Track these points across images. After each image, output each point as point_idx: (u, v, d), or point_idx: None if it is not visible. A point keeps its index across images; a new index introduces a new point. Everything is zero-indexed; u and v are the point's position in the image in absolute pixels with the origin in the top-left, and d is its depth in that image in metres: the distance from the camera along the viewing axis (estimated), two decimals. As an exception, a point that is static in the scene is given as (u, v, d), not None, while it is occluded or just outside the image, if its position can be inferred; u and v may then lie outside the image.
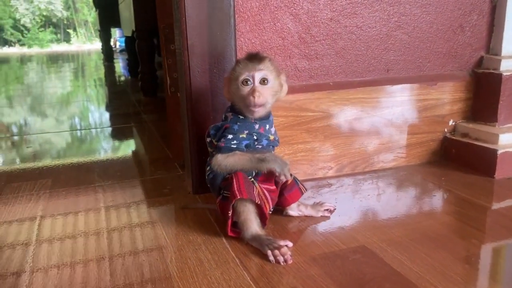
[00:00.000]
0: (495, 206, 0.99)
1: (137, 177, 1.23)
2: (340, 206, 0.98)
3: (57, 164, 1.39)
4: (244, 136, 0.83)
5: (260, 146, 0.86)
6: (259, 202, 0.81)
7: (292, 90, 1.09)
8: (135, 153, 1.56)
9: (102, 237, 0.87)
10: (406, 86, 1.19)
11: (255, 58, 0.81)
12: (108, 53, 5.93)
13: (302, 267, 0.74)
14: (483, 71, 1.23)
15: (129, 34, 3.10)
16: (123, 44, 8.96)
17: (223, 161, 0.82)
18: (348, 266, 0.74)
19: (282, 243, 0.78)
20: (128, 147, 1.68)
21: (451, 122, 1.26)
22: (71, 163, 1.41)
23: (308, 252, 0.79)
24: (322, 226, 0.89)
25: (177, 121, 1.21)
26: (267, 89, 0.81)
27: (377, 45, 1.15)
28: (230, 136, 0.83)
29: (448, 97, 1.23)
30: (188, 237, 0.86)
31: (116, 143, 1.76)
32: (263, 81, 0.81)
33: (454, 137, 1.24)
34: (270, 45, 1.07)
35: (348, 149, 1.17)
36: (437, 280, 0.69)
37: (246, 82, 0.80)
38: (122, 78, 4.30)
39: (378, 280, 0.70)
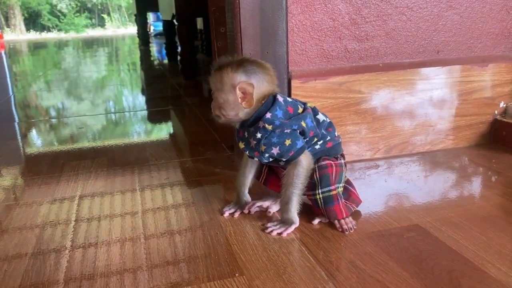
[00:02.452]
0: (549, 188, 0.98)
1: (188, 157, 1.27)
2: (389, 186, 0.99)
3: (110, 144, 1.46)
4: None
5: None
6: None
7: (342, 72, 1.10)
8: (183, 135, 1.61)
9: (164, 212, 0.92)
10: (456, 67, 1.18)
11: (214, 67, 0.80)
12: (144, 37, 6.02)
13: (358, 243, 0.77)
14: (538, 52, 1.20)
15: (169, 18, 3.14)
16: (158, 29, 9.07)
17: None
18: (404, 244, 0.76)
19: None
20: (176, 129, 1.73)
21: (501, 104, 1.24)
22: (123, 143, 1.47)
23: (363, 230, 0.82)
24: (374, 206, 0.91)
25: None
26: (215, 99, 0.81)
27: (427, 26, 1.14)
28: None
29: (499, 78, 1.21)
30: (243, 213, 0.90)
31: (164, 125, 1.82)
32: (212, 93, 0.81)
33: (504, 119, 1.22)
34: (321, 27, 1.08)
35: (396, 131, 1.18)
36: (494, 258, 0.70)
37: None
38: (157, 62, 4.38)
39: (434, 257, 0.71)
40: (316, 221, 0.84)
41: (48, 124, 1.83)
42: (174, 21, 2.72)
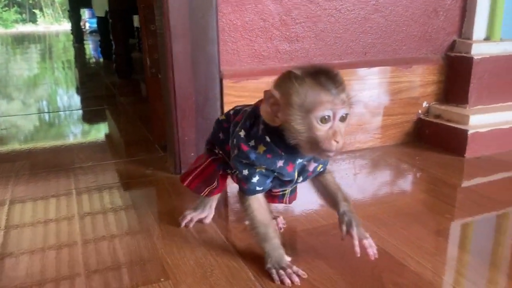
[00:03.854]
0: (466, 183, 1.04)
1: (119, 158, 1.23)
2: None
3: (34, 146, 1.37)
4: (263, 170, 0.65)
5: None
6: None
7: (274, 72, 1.10)
8: (114, 135, 1.55)
9: (85, 220, 0.88)
10: (382, 68, 1.22)
11: (334, 81, 0.57)
12: (78, 34, 5.77)
13: (287, 242, 0.77)
14: (456, 55, 1.28)
15: (102, 15, 3.03)
16: (93, 26, 8.73)
17: (246, 205, 0.68)
18: (331, 241, 0.77)
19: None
20: (106, 130, 1.66)
21: (424, 104, 1.31)
22: (49, 145, 1.39)
23: (293, 228, 0.82)
24: (304, 205, 0.92)
25: (158, 102, 1.21)
26: (345, 127, 0.60)
27: (355, 28, 1.18)
28: (245, 172, 0.66)
29: (422, 79, 1.28)
30: (173, 216, 0.87)
31: (94, 125, 1.74)
32: (343, 118, 0.59)
33: (427, 119, 1.28)
34: (252, 27, 1.08)
35: (327, 130, 1.20)
36: (413, 251, 0.73)
37: (325, 119, 0.57)
38: (93, 60, 4.21)
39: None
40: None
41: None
42: (108, 18, 2.63)
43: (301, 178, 0.69)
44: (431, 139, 1.27)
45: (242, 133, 0.65)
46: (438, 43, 1.29)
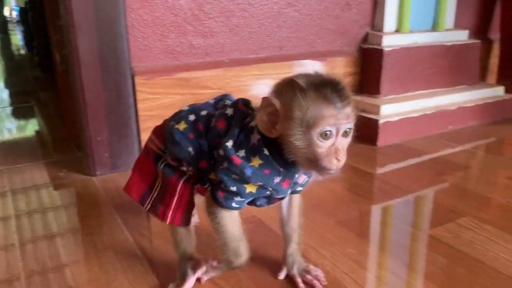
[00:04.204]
0: (375, 172, 1.10)
1: (33, 160, 1.17)
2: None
3: None
4: (253, 190, 0.58)
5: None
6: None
7: (188, 68, 1.10)
8: (30, 134, 1.47)
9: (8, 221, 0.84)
10: (298, 62, 1.25)
11: (339, 94, 0.52)
12: (2, 23, 5.42)
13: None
14: (368, 47, 1.33)
15: (22, 5, 2.86)
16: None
17: (216, 215, 0.60)
18: (238, 237, 0.79)
19: (205, 277, 0.67)
20: (25, 128, 1.58)
21: (341, 95, 1.35)
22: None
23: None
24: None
25: (70, 100, 1.17)
26: (347, 143, 0.55)
27: (269, 22, 1.19)
28: (234, 188, 0.57)
29: (338, 71, 1.32)
30: (85, 221, 0.85)
31: (13, 123, 1.65)
32: (346, 132, 0.54)
33: (344, 109, 1.33)
34: (163, 22, 1.06)
35: (246, 124, 1.21)
36: (316, 242, 0.76)
37: (326, 135, 0.52)
38: (17, 52, 3.97)
39: (265, 247, 0.75)
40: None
41: None
42: (28, 8, 2.48)
43: (289, 191, 0.63)
44: (348, 129, 1.31)
45: (230, 144, 0.56)
46: (352, 36, 1.33)
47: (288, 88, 0.53)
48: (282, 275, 0.67)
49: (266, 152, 0.55)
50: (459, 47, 1.40)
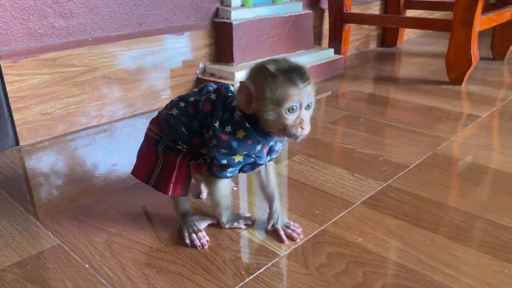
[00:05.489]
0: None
1: None
2: (114, 147, 1.15)
3: None
4: (241, 159, 0.72)
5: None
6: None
7: (53, 48, 1.17)
8: None
9: None
10: (159, 37, 1.38)
11: (301, 76, 0.64)
12: None
13: (83, 207, 0.90)
14: (219, 21, 1.51)
15: None
16: None
17: (214, 184, 0.75)
18: (124, 195, 0.93)
19: (202, 225, 0.81)
20: None
21: (201, 65, 1.53)
22: None
23: (87, 194, 0.95)
24: (93, 164, 1.05)
25: None
26: (309, 114, 0.68)
27: (127, 2, 1.30)
28: (224, 161, 0.71)
29: (195, 44, 1.48)
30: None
31: None
32: (308, 106, 0.67)
33: (204, 77, 1.51)
34: (22, 6, 1.11)
35: (117, 97, 1.33)
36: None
37: (293, 109, 0.65)
38: None
39: (147, 198, 0.91)
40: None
41: None
42: None
43: (268, 158, 0.76)
44: (209, 94, 1.50)
45: (217, 124, 0.69)
46: (204, 11, 1.50)
47: (260, 74, 0.65)
48: (269, 227, 0.80)
49: (247, 125, 0.68)
50: (295, 17, 1.67)
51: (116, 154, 1.13)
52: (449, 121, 1.28)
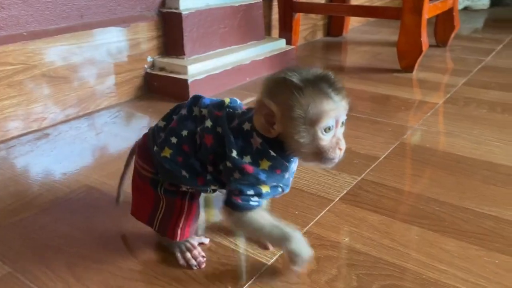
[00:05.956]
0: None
1: None
2: (60, 153, 1.03)
3: None
4: (269, 190, 0.59)
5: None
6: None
7: (-19, 45, 1.03)
8: None
9: None
10: (102, 30, 1.26)
11: (335, 87, 0.54)
12: None
13: (29, 223, 0.79)
14: (167, 11, 1.41)
15: None
16: None
17: (243, 221, 0.60)
18: (76, 206, 0.83)
19: (195, 242, 0.70)
20: None
21: (149, 59, 1.42)
22: None
23: (32, 206, 0.84)
24: (49, 176, 0.94)
25: None
26: (343, 131, 0.58)
27: (65, -9, 1.17)
28: (251, 192, 0.58)
29: (142, 36, 1.38)
30: None
31: None
32: (343, 123, 0.56)
33: (153, 72, 1.41)
34: None
35: (59, 97, 1.20)
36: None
37: (329, 129, 0.54)
38: None
39: (104, 210, 0.82)
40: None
41: None
42: None
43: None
44: (160, 90, 1.41)
45: (235, 153, 0.56)
46: (150, 1, 1.40)
47: (282, 88, 0.54)
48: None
49: (272, 153, 0.56)
50: (245, 7, 1.60)
51: (64, 161, 1.01)
52: (408, 109, 1.29)
